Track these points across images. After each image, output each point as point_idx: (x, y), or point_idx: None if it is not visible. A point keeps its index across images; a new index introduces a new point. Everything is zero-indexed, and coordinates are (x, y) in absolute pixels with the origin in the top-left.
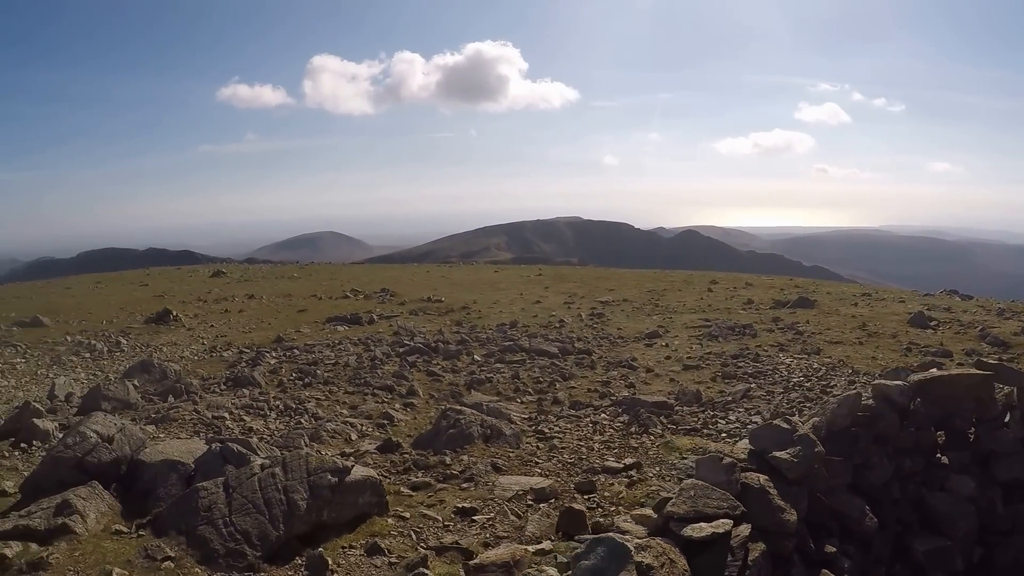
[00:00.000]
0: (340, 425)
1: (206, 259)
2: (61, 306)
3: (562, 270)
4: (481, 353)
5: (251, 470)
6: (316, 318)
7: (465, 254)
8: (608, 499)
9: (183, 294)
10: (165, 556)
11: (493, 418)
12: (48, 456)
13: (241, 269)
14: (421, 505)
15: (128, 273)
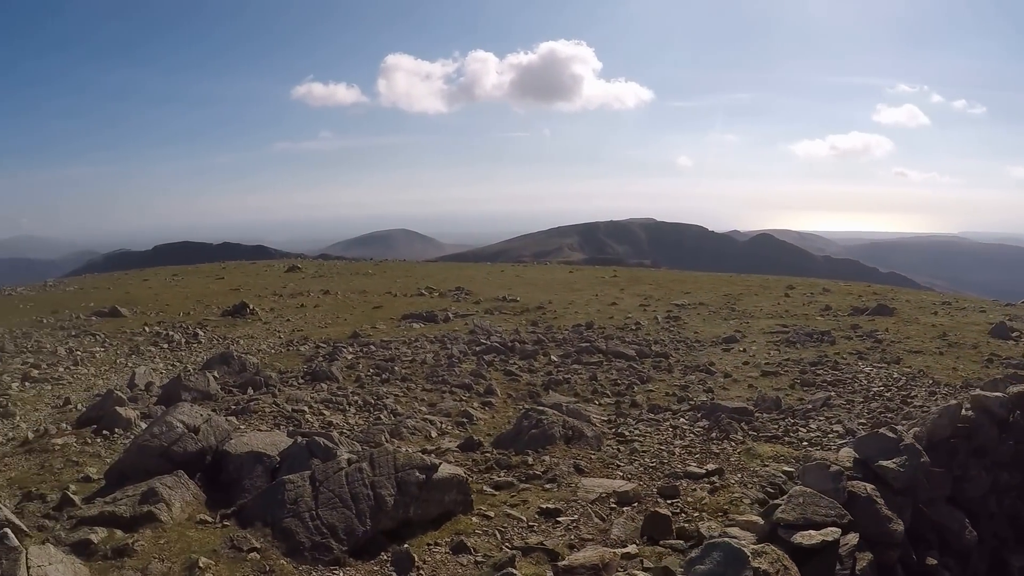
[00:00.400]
0: (420, 422)
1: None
2: (139, 297)
3: (637, 272)
4: (558, 354)
5: (338, 464)
6: (391, 315)
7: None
8: (691, 504)
9: (259, 288)
10: (251, 547)
11: (574, 419)
12: (134, 444)
13: (316, 265)
14: (504, 505)
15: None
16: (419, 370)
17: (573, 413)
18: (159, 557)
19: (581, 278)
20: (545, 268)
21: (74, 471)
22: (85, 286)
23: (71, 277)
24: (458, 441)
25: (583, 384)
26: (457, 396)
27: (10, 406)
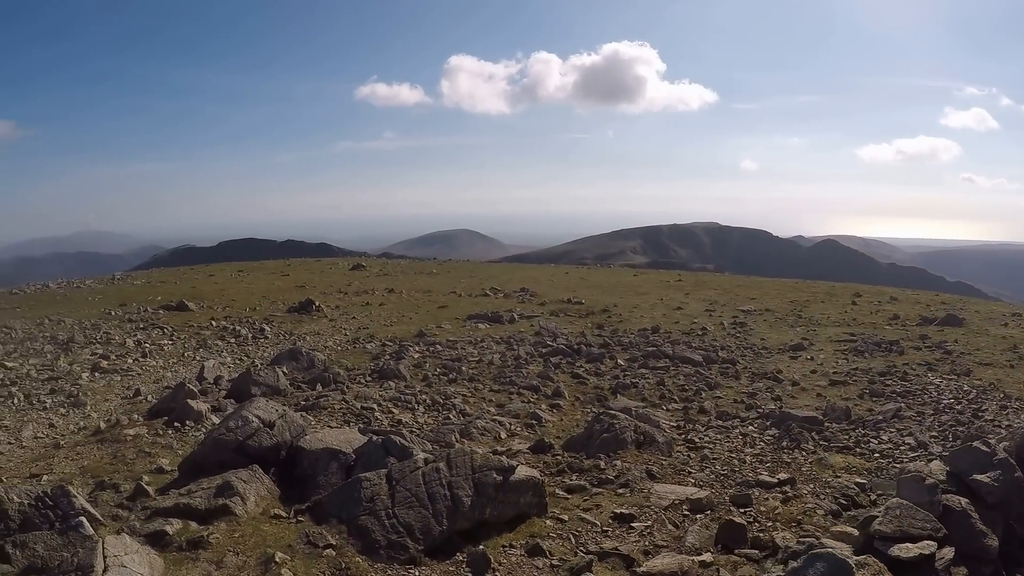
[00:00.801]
0: (489, 423)
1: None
2: (205, 292)
3: (702, 276)
4: (624, 357)
5: (415, 464)
6: (456, 315)
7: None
8: (764, 514)
9: (324, 285)
10: (327, 544)
11: (645, 424)
12: (209, 437)
13: (380, 263)
14: (577, 508)
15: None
16: (486, 371)
17: (642, 418)
18: (234, 550)
19: (646, 281)
20: (609, 271)
21: (147, 462)
22: (152, 280)
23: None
24: (528, 443)
25: (650, 389)
26: (525, 398)
27: (81, 396)
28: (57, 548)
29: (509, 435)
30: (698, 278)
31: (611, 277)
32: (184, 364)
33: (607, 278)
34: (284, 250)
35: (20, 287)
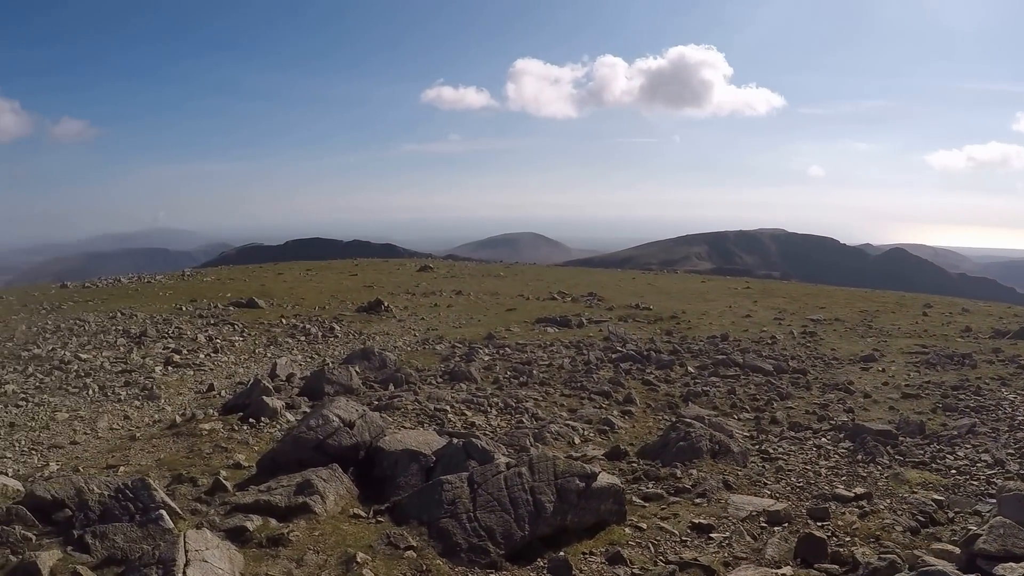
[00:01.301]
0: (563, 428)
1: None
2: (274, 290)
3: (770, 284)
4: (694, 365)
5: (496, 468)
6: (525, 318)
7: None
8: (842, 528)
9: (392, 286)
10: (407, 545)
11: (719, 433)
12: (290, 435)
13: (447, 265)
14: (655, 517)
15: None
16: (556, 375)
17: (716, 427)
18: (314, 549)
19: (713, 288)
20: (677, 277)
21: (223, 457)
22: (221, 277)
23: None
24: (603, 449)
25: (722, 398)
26: (596, 403)
27: (155, 389)
28: (137, 540)
29: (583, 440)
30: (766, 286)
31: (678, 283)
32: (255, 361)
33: (674, 284)
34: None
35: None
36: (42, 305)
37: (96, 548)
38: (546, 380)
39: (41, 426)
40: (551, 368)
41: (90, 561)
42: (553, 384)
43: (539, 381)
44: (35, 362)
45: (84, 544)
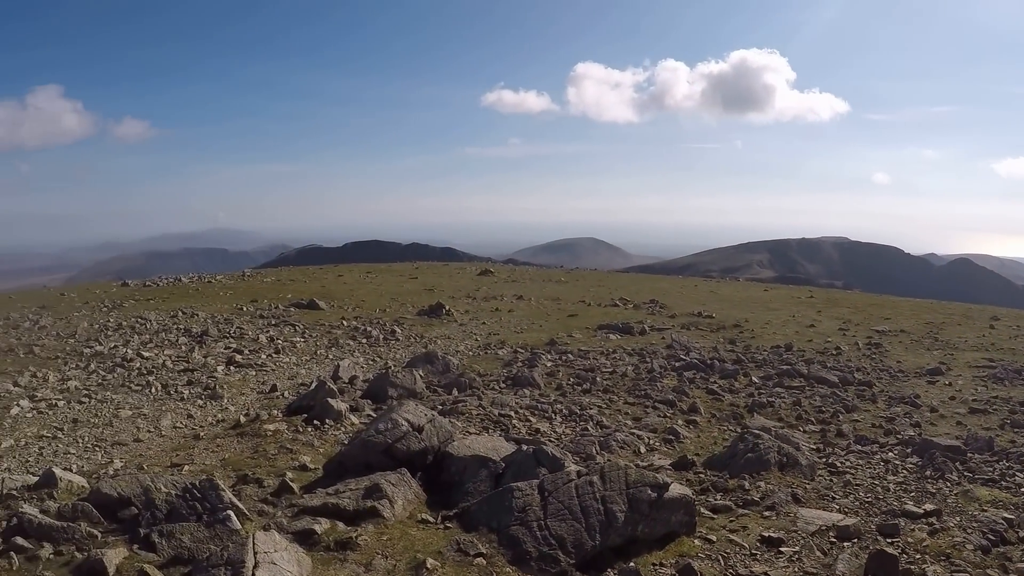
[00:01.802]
0: (628, 436)
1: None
2: (335, 292)
3: (834, 294)
4: (758, 375)
5: (567, 476)
6: (587, 324)
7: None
8: (912, 546)
9: (452, 290)
10: (477, 552)
11: (787, 445)
12: (358, 438)
13: (508, 270)
14: (724, 529)
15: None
16: (620, 382)
17: (783, 438)
18: (382, 554)
19: (776, 297)
20: (739, 285)
21: (288, 458)
22: (281, 278)
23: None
24: (669, 459)
25: (787, 409)
26: (661, 412)
27: (218, 388)
28: (204, 540)
29: (648, 450)
30: (829, 295)
31: (741, 291)
32: (317, 362)
33: (737, 292)
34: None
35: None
36: (103, 303)
37: (163, 547)
38: (610, 387)
39: (104, 423)
40: (614, 375)
41: (156, 560)
42: (617, 392)
43: (603, 388)
44: (97, 359)
45: (150, 543)
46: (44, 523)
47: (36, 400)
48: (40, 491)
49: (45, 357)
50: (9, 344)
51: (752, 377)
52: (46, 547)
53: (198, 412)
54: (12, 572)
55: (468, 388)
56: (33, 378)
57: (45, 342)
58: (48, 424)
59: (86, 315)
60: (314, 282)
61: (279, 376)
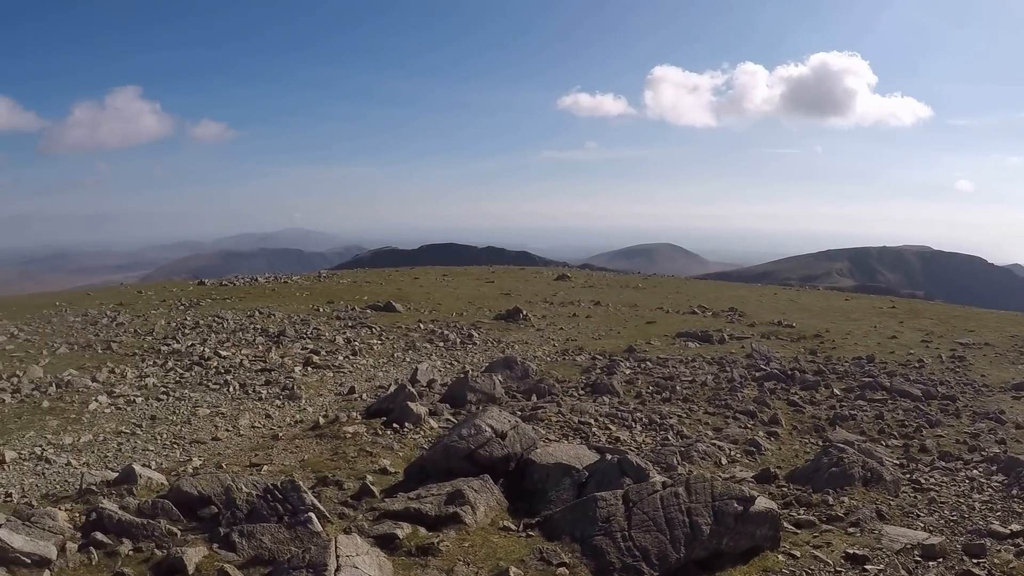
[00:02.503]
0: (709, 447)
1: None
2: (411, 294)
3: (916, 304)
4: (840, 387)
5: (652, 487)
6: (665, 331)
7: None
8: (999, 567)
9: (529, 294)
10: (560, 561)
11: (871, 460)
12: (441, 443)
13: (585, 275)
14: (808, 545)
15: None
16: (700, 392)
17: (866, 453)
18: (464, 560)
19: (857, 307)
20: (819, 294)
21: (368, 461)
22: (357, 279)
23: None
24: (751, 471)
25: (869, 422)
26: (741, 423)
27: (296, 389)
28: (284, 542)
29: (730, 461)
30: (912, 306)
31: (821, 300)
32: (394, 365)
33: (817, 301)
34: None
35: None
36: (180, 301)
37: (243, 547)
38: (689, 396)
39: (182, 420)
40: (694, 384)
41: (236, 560)
42: (696, 401)
43: (682, 397)
44: (174, 357)
45: (230, 542)
46: (124, 519)
47: (114, 396)
48: (120, 487)
49: (123, 354)
50: (87, 340)
51: (834, 389)
52: (125, 543)
53: (276, 412)
54: (91, 567)
55: (547, 394)
56: (111, 374)
57: (123, 339)
58: (126, 420)
59: (163, 313)
60: (390, 284)
61: (357, 378)
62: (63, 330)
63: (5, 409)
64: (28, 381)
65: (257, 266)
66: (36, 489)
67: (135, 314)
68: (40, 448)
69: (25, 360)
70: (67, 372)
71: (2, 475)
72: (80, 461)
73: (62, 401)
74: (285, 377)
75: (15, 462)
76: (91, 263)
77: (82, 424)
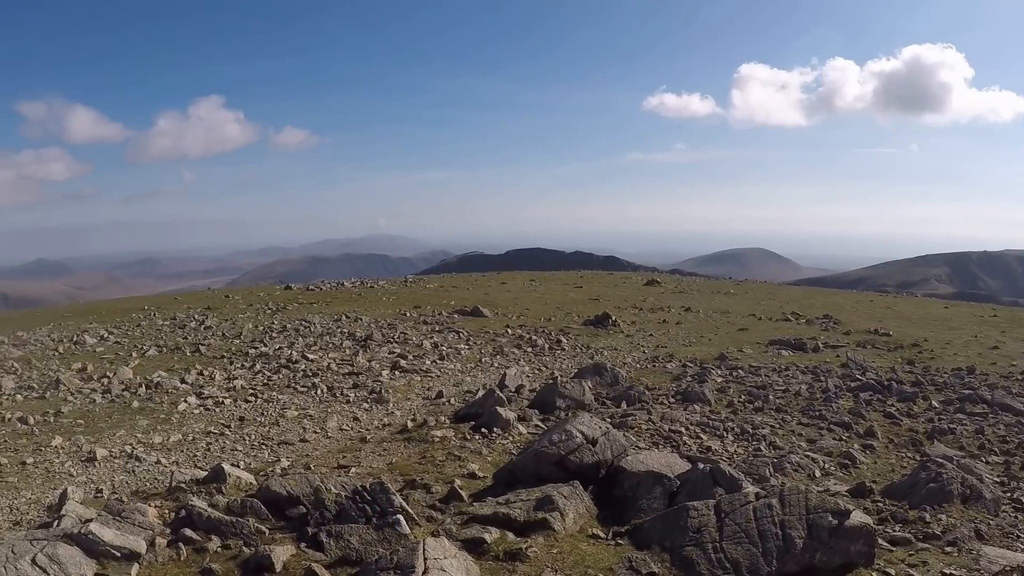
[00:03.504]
0: (803, 459)
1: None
2: (498, 300)
3: (1018, 313)
4: (938, 399)
5: (745, 498)
6: (757, 339)
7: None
8: None
9: (618, 300)
10: (649, 571)
11: (971, 477)
12: (531, 449)
13: (674, 280)
14: (903, 563)
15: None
16: (793, 401)
17: (965, 469)
18: (552, 567)
19: (957, 315)
20: (917, 301)
21: (456, 465)
22: (444, 284)
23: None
24: (846, 485)
25: (968, 437)
26: (836, 434)
27: (383, 393)
28: (372, 543)
29: (824, 474)
30: (1014, 314)
31: (920, 308)
32: (482, 370)
33: (915, 309)
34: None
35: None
36: (267, 305)
37: (330, 547)
38: (782, 406)
39: (271, 422)
40: (787, 394)
41: (324, 559)
42: (790, 411)
43: (775, 407)
44: (262, 360)
45: (318, 542)
46: (213, 517)
47: (203, 397)
48: (209, 485)
49: (211, 356)
50: (176, 343)
51: (932, 401)
52: (214, 540)
53: (364, 415)
54: (180, 562)
55: (637, 401)
56: (200, 376)
57: (211, 342)
58: (215, 421)
59: (251, 317)
60: (477, 289)
61: (444, 382)
62: (152, 333)
63: (96, 409)
64: (118, 382)
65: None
66: (126, 486)
67: (223, 318)
68: (130, 446)
69: (115, 362)
70: (156, 374)
71: (93, 472)
72: (169, 460)
73: (151, 402)
74: (373, 381)
75: (106, 459)
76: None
77: (171, 424)
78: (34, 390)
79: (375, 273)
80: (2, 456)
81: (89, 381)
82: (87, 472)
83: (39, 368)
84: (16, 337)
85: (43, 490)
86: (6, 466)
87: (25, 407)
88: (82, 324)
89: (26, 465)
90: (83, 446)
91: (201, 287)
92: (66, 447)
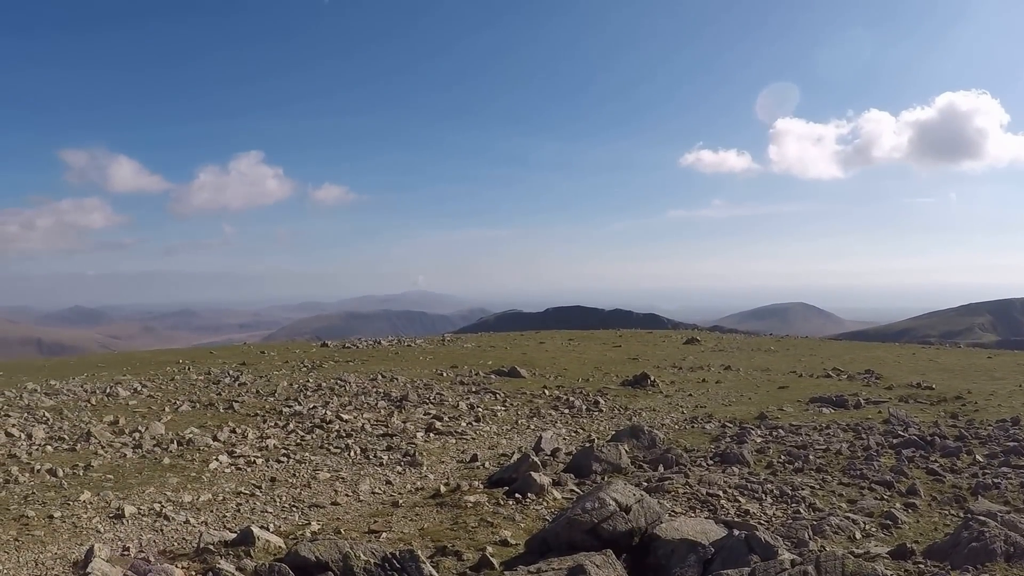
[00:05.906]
0: (842, 520)
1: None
2: (536, 359)
3: None
4: (983, 453)
5: (780, 565)
6: (798, 396)
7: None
8: None
9: (657, 359)
10: None
11: (1014, 533)
12: (563, 516)
13: (715, 338)
14: None
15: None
16: (834, 460)
17: (1009, 525)
18: None
19: (1001, 365)
20: (960, 352)
21: (488, 532)
22: (481, 343)
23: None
24: (886, 547)
25: (1014, 491)
26: (877, 493)
27: (417, 455)
28: None
29: (864, 535)
30: None
31: (963, 359)
32: (518, 432)
33: (958, 360)
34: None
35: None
36: (303, 363)
37: None
38: (823, 466)
39: (302, 484)
40: (828, 453)
41: None
42: (830, 471)
43: (815, 467)
44: (296, 419)
45: None
46: None
47: (235, 456)
48: (237, 548)
49: (244, 414)
50: (210, 399)
51: (976, 455)
52: None
53: (397, 479)
54: None
55: (674, 464)
56: (232, 434)
57: (245, 399)
58: (246, 481)
59: (286, 374)
60: (515, 348)
61: (479, 445)
62: (186, 388)
63: (126, 464)
64: (150, 437)
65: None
66: (153, 545)
67: (257, 374)
68: (159, 504)
69: (147, 416)
70: (189, 430)
71: (121, 529)
72: (198, 520)
73: (183, 459)
74: (407, 443)
75: (134, 517)
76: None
77: (202, 483)
78: (64, 441)
79: (412, 330)
80: (30, 508)
81: (120, 435)
82: (114, 529)
83: (70, 419)
84: (49, 386)
85: (69, 546)
86: (33, 519)
87: (55, 459)
88: (115, 375)
89: (53, 519)
90: (111, 502)
91: (237, 340)
92: (94, 502)
